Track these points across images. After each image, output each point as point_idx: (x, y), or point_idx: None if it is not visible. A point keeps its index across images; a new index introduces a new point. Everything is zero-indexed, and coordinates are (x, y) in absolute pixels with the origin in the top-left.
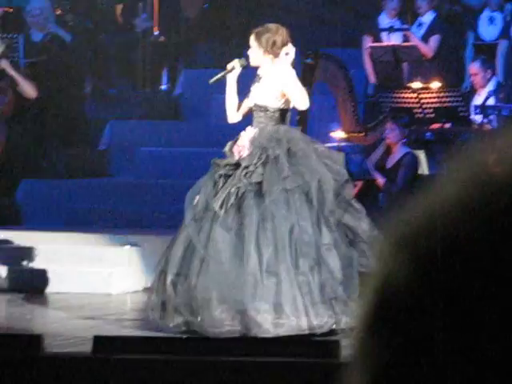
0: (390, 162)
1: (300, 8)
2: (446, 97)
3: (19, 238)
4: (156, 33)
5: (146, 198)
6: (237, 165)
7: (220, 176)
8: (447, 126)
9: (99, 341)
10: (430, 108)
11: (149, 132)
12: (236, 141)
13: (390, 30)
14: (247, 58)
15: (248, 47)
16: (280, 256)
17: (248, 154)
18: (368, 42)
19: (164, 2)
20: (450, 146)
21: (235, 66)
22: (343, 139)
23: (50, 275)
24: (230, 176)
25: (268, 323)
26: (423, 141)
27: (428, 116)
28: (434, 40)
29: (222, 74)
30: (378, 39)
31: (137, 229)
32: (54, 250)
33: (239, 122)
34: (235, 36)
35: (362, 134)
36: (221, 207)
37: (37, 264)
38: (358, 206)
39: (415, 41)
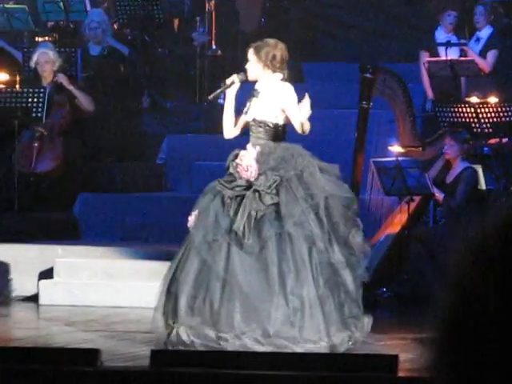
0: (450, 177)
1: (357, 23)
2: (504, 111)
3: (77, 252)
4: (213, 47)
5: None
6: (247, 186)
7: (231, 198)
8: (505, 140)
9: (156, 355)
10: (487, 123)
11: (206, 146)
12: (236, 159)
13: (448, 44)
14: (246, 72)
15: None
16: (302, 279)
17: (258, 176)
18: (425, 57)
19: (221, 17)
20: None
21: (234, 81)
22: (401, 154)
23: (107, 290)
24: (241, 198)
25: (293, 346)
26: (481, 156)
27: (485, 131)
28: (492, 55)
29: (222, 89)
30: (434, 54)
31: None
32: (111, 265)
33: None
34: (292, 51)
35: (420, 149)
36: (243, 231)
37: (94, 278)
38: (357, 220)
39: (473, 55)
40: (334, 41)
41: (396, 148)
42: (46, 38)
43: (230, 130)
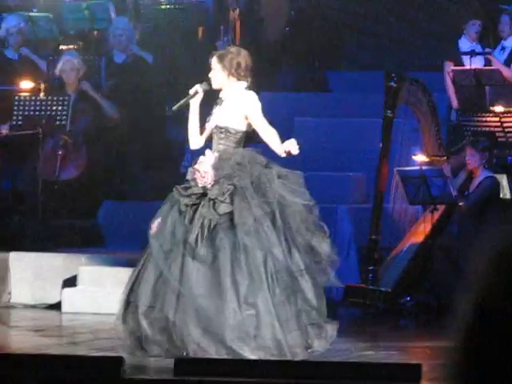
0: (473, 187)
1: (382, 32)
2: None
3: (101, 260)
4: None
5: None
6: (202, 194)
7: (186, 206)
8: None
9: (180, 363)
10: None
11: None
12: (195, 166)
13: (472, 53)
14: (209, 81)
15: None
16: (256, 287)
17: (214, 183)
18: (449, 67)
19: (246, 25)
20: None
21: (198, 91)
22: (425, 163)
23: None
24: (196, 205)
25: (248, 354)
26: (505, 165)
27: (510, 140)
28: None
29: (185, 99)
30: (459, 63)
31: None
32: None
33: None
34: (316, 59)
35: (444, 158)
36: (195, 241)
37: (118, 287)
38: (322, 226)
39: (498, 64)
40: (359, 50)
41: (420, 157)
42: (71, 47)
43: (196, 139)
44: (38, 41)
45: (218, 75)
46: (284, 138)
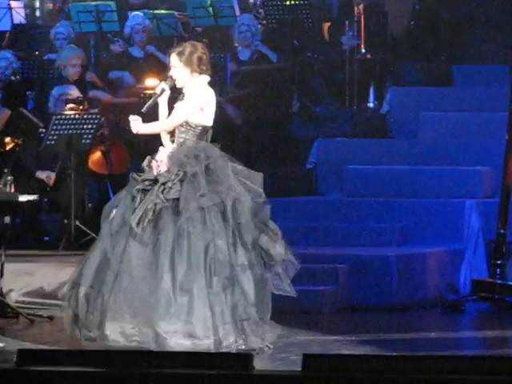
0: None
1: (507, 25)
2: None
3: None
4: (362, 51)
5: (354, 215)
6: (155, 180)
7: (138, 191)
8: None
9: (308, 358)
10: None
11: (356, 150)
12: (154, 156)
13: None
14: (171, 78)
15: None
16: (194, 274)
17: (166, 170)
18: None
19: (370, 20)
20: None
21: (164, 89)
22: None
23: None
24: (147, 191)
25: (177, 341)
26: None
27: None
28: None
29: (153, 99)
30: None
31: (344, 247)
32: None
33: None
34: (442, 53)
35: None
36: (137, 224)
37: None
38: (274, 227)
39: None
40: (484, 43)
41: None
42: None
43: (166, 135)
44: (162, 38)
45: (181, 72)
46: (411, 132)
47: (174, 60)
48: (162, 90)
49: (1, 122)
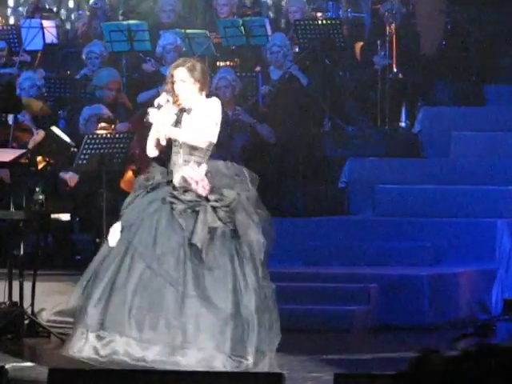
0: None
1: None
2: None
3: None
4: (394, 70)
5: (385, 235)
6: (198, 201)
7: (181, 212)
8: None
9: (340, 378)
10: None
11: (388, 169)
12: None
13: None
14: (167, 92)
15: None
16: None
17: (213, 191)
18: None
19: (402, 40)
20: None
21: (161, 104)
22: None
23: (290, 313)
24: (193, 212)
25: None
26: None
27: None
28: None
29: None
30: None
31: (376, 266)
32: (292, 288)
33: None
34: (473, 73)
35: None
36: (199, 242)
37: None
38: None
39: None
40: None
41: None
42: (227, 63)
43: (154, 148)
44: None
45: (190, 88)
46: (442, 152)
47: (183, 74)
48: (159, 106)
49: (35, 143)
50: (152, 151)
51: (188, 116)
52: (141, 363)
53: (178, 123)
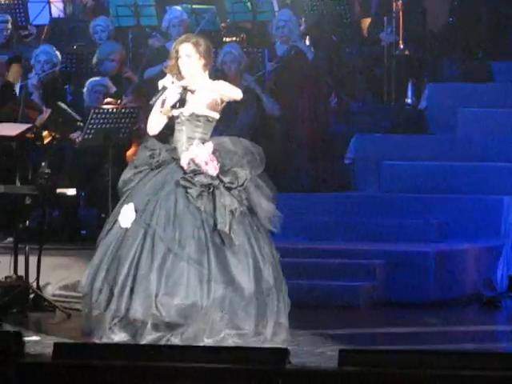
0: None
1: None
2: None
3: None
4: (401, 46)
5: (391, 211)
6: (210, 182)
7: (197, 195)
8: None
9: (345, 354)
10: None
11: (394, 146)
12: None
13: None
14: (173, 73)
15: None
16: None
17: (226, 171)
18: None
19: (409, 17)
20: None
21: (165, 85)
22: None
23: (296, 288)
24: (209, 194)
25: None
26: None
27: None
28: None
29: (159, 95)
30: None
31: (381, 242)
32: (297, 264)
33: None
34: (480, 50)
35: None
36: (227, 227)
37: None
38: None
39: None
40: None
41: None
42: (234, 39)
43: (155, 126)
44: (200, 33)
45: (195, 64)
46: (449, 128)
47: (189, 50)
48: (164, 88)
49: (42, 121)
50: (153, 129)
51: (190, 93)
52: None
53: (181, 102)
